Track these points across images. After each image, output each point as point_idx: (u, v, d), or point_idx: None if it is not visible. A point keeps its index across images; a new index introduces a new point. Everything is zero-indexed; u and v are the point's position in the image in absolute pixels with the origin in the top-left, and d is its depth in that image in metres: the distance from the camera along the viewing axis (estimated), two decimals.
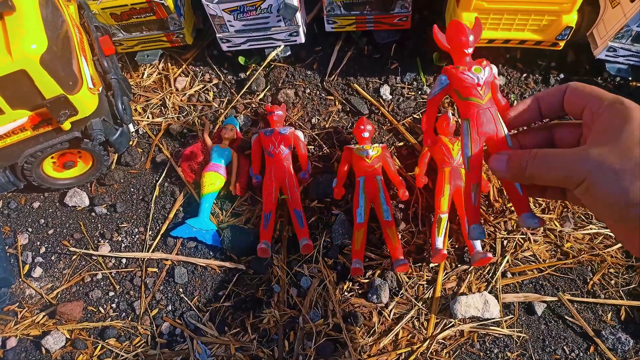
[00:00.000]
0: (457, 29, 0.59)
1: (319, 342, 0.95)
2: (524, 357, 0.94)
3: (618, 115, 0.46)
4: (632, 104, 0.47)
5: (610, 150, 0.43)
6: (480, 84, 0.55)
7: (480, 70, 0.57)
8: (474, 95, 0.55)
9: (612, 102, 0.48)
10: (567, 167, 0.46)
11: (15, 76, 0.83)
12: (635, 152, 0.42)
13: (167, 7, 1.07)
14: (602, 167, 0.43)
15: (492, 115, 0.56)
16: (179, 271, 1.02)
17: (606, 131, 0.46)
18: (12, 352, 0.98)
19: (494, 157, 0.55)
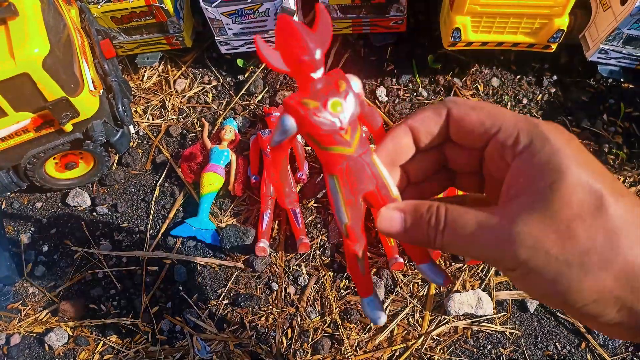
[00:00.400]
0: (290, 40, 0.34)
1: (315, 338, 0.97)
2: (516, 353, 0.96)
3: (543, 164, 0.33)
4: (556, 135, 0.33)
5: (544, 229, 0.31)
6: (343, 126, 0.35)
7: (339, 105, 0.35)
8: (337, 144, 0.35)
9: (529, 139, 0.34)
10: (491, 248, 0.33)
11: (18, 79, 0.85)
12: (580, 232, 0.31)
13: (166, 10, 1.09)
14: (539, 256, 0.32)
15: (366, 164, 0.37)
16: (178, 269, 1.04)
17: (530, 189, 0.33)
18: (15, 348, 1.00)
19: (383, 216, 0.38)
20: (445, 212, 0.35)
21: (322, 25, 0.35)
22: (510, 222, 0.32)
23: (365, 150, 0.37)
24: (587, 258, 0.31)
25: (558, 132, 0.34)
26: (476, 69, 1.19)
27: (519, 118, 0.35)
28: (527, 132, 0.34)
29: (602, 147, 1.10)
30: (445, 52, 1.18)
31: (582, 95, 1.16)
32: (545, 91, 1.17)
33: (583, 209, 0.31)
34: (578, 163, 0.32)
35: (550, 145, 0.33)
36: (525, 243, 0.32)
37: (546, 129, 0.34)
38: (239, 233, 1.04)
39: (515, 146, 0.34)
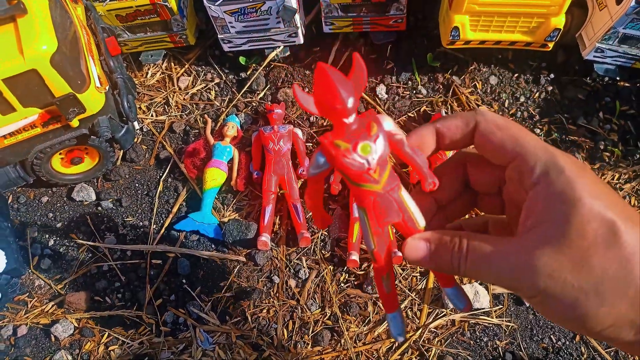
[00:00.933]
0: (326, 89, 0.36)
1: (316, 330, 0.99)
2: (512, 345, 0.98)
3: (557, 194, 0.34)
4: (571, 167, 0.35)
5: (560, 259, 0.33)
6: (371, 167, 0.38)
7: (369, 148, 0.37)
8: (365, 181, 0.39)
9: (545, 169, 0.35)
10: (513, 277, 0.36)
11: (26, 75, 0.87)
12: (594, 261, 0.33)
13: (170, 8, 1.11)
14: (557, 285, 0.34)
15: (394, 199, 0.40)
16: (182, 263, 1.06)
17: (546, 220, 0.35)
18: (22, 339, 1.02)
19: (409, 246, 0.41)
20: (467, 242, 0.38)
21: (357, 73, 0.38)
22: (529, 253, 0.34)
23: (394, 186, 0.40)
24: (602, 287, 0.33)
25: (573, 164, 0.35)
26: (475, 67, 1.21)
27: (539, 147, 0.37)
28: (544, 163, 0.36)
29: (597, 145, 1.12)
30: (444, 51, 1.20)
31: (578, 93, 1.18)
32: (543, 89, 1.19)
33: (597, 239, 0.33)
34: (591, 193, 0.33)
35: (564, 176, 0.34)
36: (543, 272, 0.34)
37: (562, 160, 0.35)
38: (241, 227, 1.06)
39: (531, 175, 0.36)
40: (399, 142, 0.40)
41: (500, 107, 1.18)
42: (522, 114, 1.17)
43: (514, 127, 0.38)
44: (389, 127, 0.39)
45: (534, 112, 1.17)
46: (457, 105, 1.18)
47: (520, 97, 1.19)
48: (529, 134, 0.38)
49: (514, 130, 0.38)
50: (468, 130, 0.40)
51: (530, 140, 0.37)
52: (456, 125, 0.41)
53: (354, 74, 0.38)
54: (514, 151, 0.37)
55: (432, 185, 0.41)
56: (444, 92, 1.20)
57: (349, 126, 0.38)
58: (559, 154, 0.36)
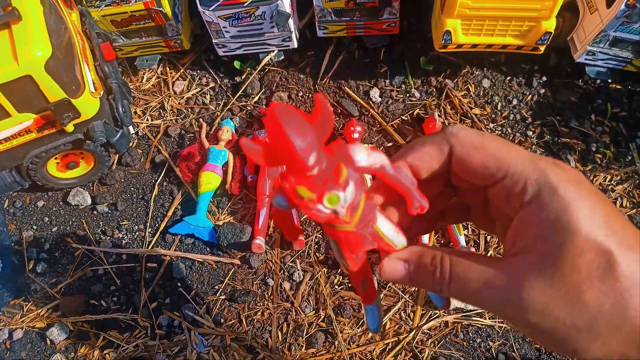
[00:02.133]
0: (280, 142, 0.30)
1: (310, 332, 1.00)
2: (505, 346, 0.98)
3: (551, 218, 0.31)
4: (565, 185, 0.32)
5: (553, 294, 0.31)
6: (340, 216, 0.33)
7: (336, 199, 0.32)
8: (335, 223, 0.34)
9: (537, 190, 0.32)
10: (500, 308, 0.33)
11: (21, 81, 0.88)
12: (588, 297, 0.31)
13: (165, 14, 1.12)
14: (548, 321, 0.32)
15: (367, 233, 0.36)
16: (177, 266, 1.07)
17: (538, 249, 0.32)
18: (18, 343, 1.03)
19: (386, 266, 0.38)
20: (449, 265, 0.35)
21: (322, 118, 0.31)
22: (519, 285, 0.32)
23: (368, 221, 0.36)
24: (595, 324, 0.31)
25: (567, 180, 0.32)
26: (467, 70, 1.22)
27: (526, 162, 0.33)
28: (535, 182, 0.32)
29: (589, 147, 1.13)
30: (437, 54, 1.21)
31: (570, 95, 1.19)
32: (535, 92, 1.20)
33: (591, 273, 0.31)
34: (587, 218, 0.31)
35: (558, 198, 0.31)
36: (534, 308, 0.32)
37: (555, 177, 0.32)
38: (235, 230, 1.07)
39: (522, 195, 0.33)
40: (379, 169, 0.36)
41: (493, 109, 1.19)
42: (514, 116, 1.18)
43: (492, 143, 0.35)
44: (363, 162, 0.34)
45: (527, 114, 1.18)
46: (450, 108, 1.18)
47: (512, 99, 1.20)
48: (511, 147, 0.34)
49: (493, 148, 0.34)
50: (443, 157, 0.36)
51: (515, 156, 0.34)
52: (429, 154, 0.37)
53: (319, 119, 0.31)
54: (499, 172, 0.34)
55: (419, 209, 0.37)
56: (437, 95, 1.20)
57: (313, 180, 0.31)
58: (549, 168, 0.33)
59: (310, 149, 0.30)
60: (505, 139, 0.36)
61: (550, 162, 0.33)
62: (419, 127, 1.17)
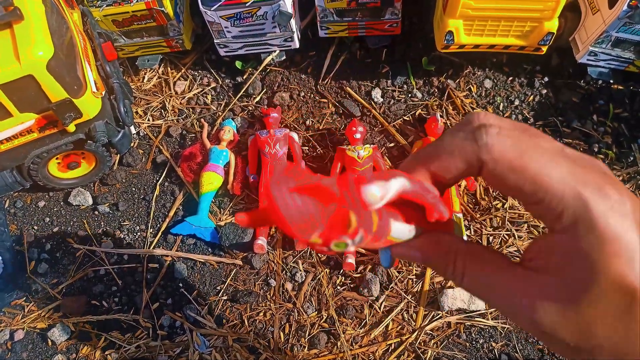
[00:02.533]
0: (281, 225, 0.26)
1: (312, 333, 1.00)
2: (508, 347, 0.98)
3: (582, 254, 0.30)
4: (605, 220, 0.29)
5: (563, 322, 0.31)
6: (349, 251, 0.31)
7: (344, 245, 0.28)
8: None
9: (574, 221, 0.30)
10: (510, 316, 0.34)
11: (23, 81, 0.87)
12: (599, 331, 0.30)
13: (166, 14, 1.12)
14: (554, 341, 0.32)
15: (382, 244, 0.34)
16: (178, 267, 1.07)
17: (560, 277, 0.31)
18: (19, 344, 1.03)
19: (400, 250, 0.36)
20: (463, 264, 0.34)
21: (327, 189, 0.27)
22: (532, 307, 0.31)
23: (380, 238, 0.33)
24: (597, 351, 0.30)
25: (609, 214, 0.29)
26: (469, 70, 1.22)
27: (567, 188, 0.30)
28: (573, 213, 0.30)
29: (592, 147, 1.13)
30: (439, 55, 1.21)
31: (572, 96, 1.19)
32: (537, 92, 1.20)
33: (609, 312, 0.30)
34: (618, 256, 0.29)
35: (595, 233, 0.29)
36: (543, 327, 0.31)
37: (596, 209, 0.29)
38: (237, 231, 1.07)
39: (557, 221, 0.31)
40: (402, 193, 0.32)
41: (495, 110, 1.19)
42: (516, 117, 1.18)
43: (532, 162, 0.31)
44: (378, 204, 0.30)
45: (529, 115, 1.18)
46: (452, 108, 1.18)
47: (514, 100, 1.20)
48: (556, 164, 0.31)
49: (533, 169, 0.31)
50: (472, 170, 0.34)
51: (557, 177, 0.30)
52: (456, 167, 0.34)
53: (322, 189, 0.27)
54: (535, 196, 0.31)
55: (438, 217, 0.35)
56: (439, 95, 1.20)
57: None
58: (593, 198, 0.30)
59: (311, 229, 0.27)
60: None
61: (596, 189, 0.30)
62: (421, 127, 1.17)
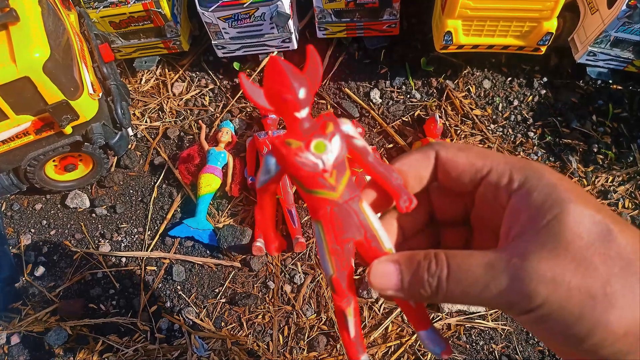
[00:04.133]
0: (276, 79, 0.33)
1: (311, 336, 0.99)
2: (508, 349, 0.98)
3: (544, 198, 0.31)
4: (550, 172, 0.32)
5: (560, 262, 0.29)
6: (326, 169, 0.33)
7: (323, 146, 0.33)
8: (320, 187, 0.33)
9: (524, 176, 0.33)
10: (506, 291, 0.30)
11: (19, 83, 0.87)
12: (596, 260, 0.29)
13: (164, 15, 1.11)
14: (561, 291, 0.29)
15: (353, 211, 0.35)
16: (176, 269, 1.06)
17: (535, 226, 0.31)
18: (16, 347, 1.02)
19: (375, 270, 0.34)
20: (445, 257, 0.32)
21: (311, 67, 0.34)
22: (523, 260, 0.30)
23: (353, 196, 0.35)
24: (609, 288, 0.29)
25: (550, 170, 0.33)
26: (468, 71, 1.21)
27: (510, 158, 0.34)
28: (520, 170, 0.33)
29: (591, 147, 1.13)
30: (437, 55, 1.21)
31: (571, 96, 1.18)
32: (536, 93, 1.20)
33: (593, 237, 0.30)
34: (577, 196, 0.31)
35: (546, 180, 0.32)
36: (543, 278, 0.29)
37: (539, 167, 0.33)
38: (236, 233, 1.06)
39: (510, 185, 0.33)
40: (360, 148, 0.35)
41: (493, 110, 1.18)
42: (515, 117, 1.18)
43: (475, 147, 0.36)
44: (348, 127, 0.35)
45: (528, 115, 1.18)
46: (451, 109, 1.18)
47: (513, 100, 1.19)
48: (495, 151, 0.36)
49: (477, 150, 0.36)
50: (430, 163, 0.37)
51: (497, 154, 0.35)
52: (416, 159, 0.37)
53: (307, 68, 0.34)
54: (485, 166, 0.34)
55: (407, 202, 0.35)
56: (437, 96, 1.20)
57: (302, 122, 0.33)
58: (533, 162, 0.34)
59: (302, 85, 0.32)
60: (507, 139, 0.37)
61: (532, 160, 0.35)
62: (419, 128, 1.16)
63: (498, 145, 1.14)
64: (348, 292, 0.36)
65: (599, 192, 1.10)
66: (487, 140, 1.14)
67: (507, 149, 1.14)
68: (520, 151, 1.14)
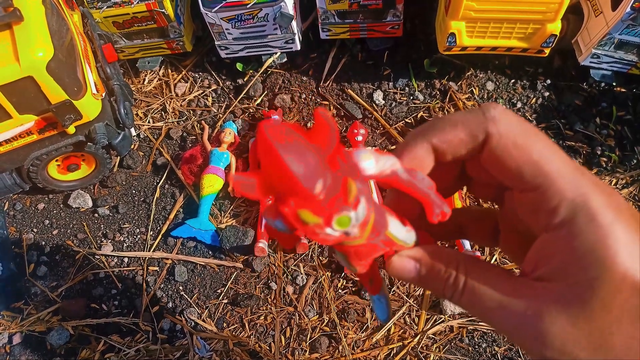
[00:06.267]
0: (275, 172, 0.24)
1: (314, 337, 0.99)
2: (511, 351, 0.97)
3: (585, 249, 0.27)
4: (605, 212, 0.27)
5: (576, 333, 0.27)
6: (351, 236, 0.29)
7: (348, 220, 0.27)
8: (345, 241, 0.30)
9: (572, 214, 0.28)
10: (514, 335, 0.30)
11: (22, 82, 0.87)
12: (616, 341, 0.27)
13: (167, 15, 1.11)
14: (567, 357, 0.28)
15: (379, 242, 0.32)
16: (179, 270, 1.06)
17: (565, 280, 0.28)
18: (18, 347, 1.02)
19: (395, 264, 0.34)
20: (464, 279, 0.31)
21: (324, 133, 0.26)
22: (538, 317, 0.28)
23: (379, 232, 0.31)
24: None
25: (608, 207, 0.27)
26: (471, 73, 1.21)
27: (568, 179, 0.28)
28: (571, 203, 0.28)
29: (595, 150, 1.12)
30: (441, 57, 1.20)
31: (575, 98, 1.18)
32: (539, 95, 1.19)
33: (624, 314, 0.27)
34: (627, 253, 0.27)
35: (596, 226, 0.27)
36: (552, 344, 0.28)
37: (596, 203, 0.27)
38: (238, 234, 1.06)
39: (553, 214, 0.28)
40: (391, 175, 0.31)
41: None
42: None
43: (537, 144, 0.29)
44: (372, 170, 0.29)
45: (531, 117, 1.17)
46: (454, 111, 1.18)
47: (517, 102, 1.19)
48: (557, 155, 0.29)
49: (537, 152, 0.29)
50: (476, 144, 0.31)
51: (558, 167, 0.29)
52: (460, 139, 0.31)
53: (320, 134, 0.26)
54: (534, 180, 0.29)
55: (440, 216, 0.32)
56: (441, 97, 1.20)
57: (318, 195, 0.26)
58: (592, 191, 0.28)
59: (315, 175, 0.24)
60: None
61: (593, 182, 0.28)
62: None
63: None
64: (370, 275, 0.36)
65: None
66: None
67: None
68: None
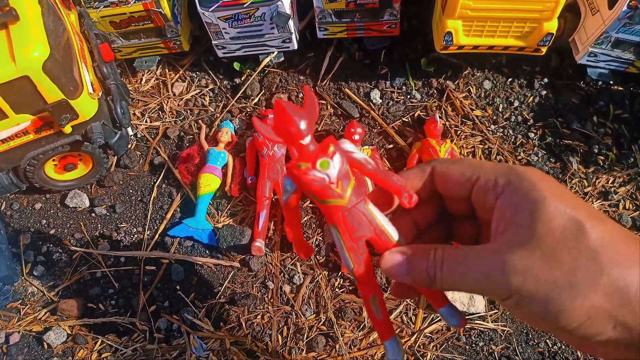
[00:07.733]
0: (282, 117, 0.41)
1: (311, 336, 0.99)
2: (508, 350, 0.97)
3: (522, 197, 0.36)
4: (532, 173, 0.37)
5: (531, 256, 0.34)
6: (332, 181, 0.40)
7: (327, 163, 0.40)
8: (330, 197, 0.41)
9: (507, 179, 0.38)
10: (487, 279, 0.36)
11: (19, 82, 0.86)
12: (564, 255, 0.34)
13: (164, 15, 1.11)
14: (530, 282, 0.34)
15: (362, 213, 0.42)
16: (176, 269, 1.06)
17: (514, 223, 0.36)
18: (15, 347, 1.02)
19: (386, 259, 0.42)
20: (442, 251, 0.39)
21: (309, 103, 0.42)
22: (501, 255, 0.35)
23: (360, 200, 0.42)
24: (574, 279, 0.33)
25: (533, 171, 0.37)
26: (468, 71, 1.21)
27: (497, 165, 0.40)
28: (504, 174, 0.38)
29: (592, 148, 1.12)
30: (438, 56, 1.20)
31: (572, 97, 1.18)
32: (536, 94, 1.19)
33: (564, 234, 0.34)
34: (554, 194, 0.35)
35: (526, 181, 0.37)
36: (515, 271, 0.34)
37: (522, 170, 0.38)
38: (235, 233, 1.06)
39: (495, 188, 0.38)
40: (359, 160, 0.43)
41: (494, 111, 1.18)
42: (516, 118, 1.17)
43: (467, 159, 0.45)
44: (347, 147, 0.43)
45: (528, 116, 1.17)
46: (451, 109, 1.18)
47: (514, 101, 1.19)
48: (485, 161, 0.41)
49: (469, 161, 0.41)
50: (426, 175, 0.43)
51: (486, 163, 0.41)
52: (414, 173, 0.44)
53: (306, 105, 0.42)
54: (474, 174, 0.40)
55: (408, 198, 0.41)
56: (438, 96, 1.20)
57: (307, 147, 0.41)
58: (518, 166, 0.39)
59: (302, 119, 0.41)
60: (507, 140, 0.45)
61: (516, 166, 0.39)
62: (419, 128, 1.16)
63: (498, 146, 1.14)
64: (369, 281, 0.45)
65: (599, 193, 1.10)
66: (488, 141, 1.14)
67: (508, 149, 1.14)
68: (520, 152, 1.14)
